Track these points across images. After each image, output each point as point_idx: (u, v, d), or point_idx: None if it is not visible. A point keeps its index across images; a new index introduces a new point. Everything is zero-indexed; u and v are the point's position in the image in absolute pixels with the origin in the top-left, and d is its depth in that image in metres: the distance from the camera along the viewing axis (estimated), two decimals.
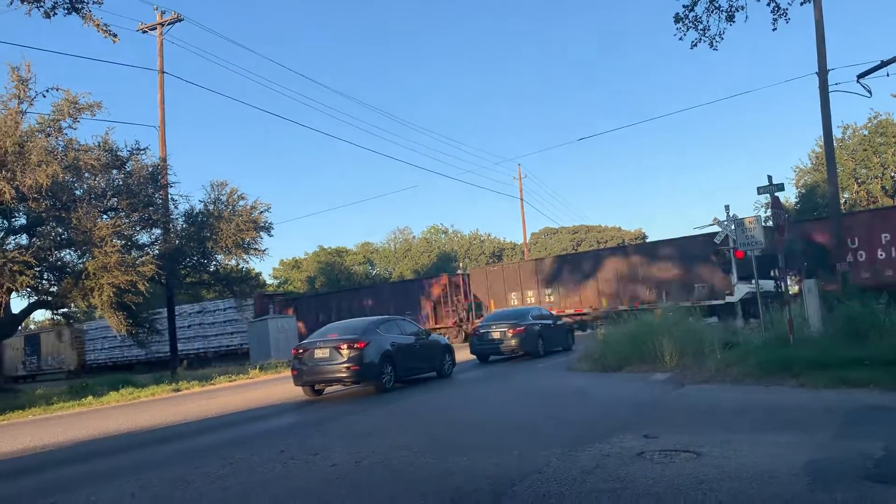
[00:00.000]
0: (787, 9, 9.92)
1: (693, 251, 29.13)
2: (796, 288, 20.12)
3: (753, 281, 16.59)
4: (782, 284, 16.51)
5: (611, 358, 15.71)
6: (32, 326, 53.92)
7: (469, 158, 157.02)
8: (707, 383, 12.21)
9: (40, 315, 52.16)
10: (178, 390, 21.71)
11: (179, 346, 31.42)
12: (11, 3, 9.08)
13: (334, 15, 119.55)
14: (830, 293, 17.62)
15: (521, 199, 52.40)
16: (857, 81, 18.26)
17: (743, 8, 10.24)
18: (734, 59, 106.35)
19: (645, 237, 74.63)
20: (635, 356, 15.26)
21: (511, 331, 20.34)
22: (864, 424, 7.94)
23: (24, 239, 24.46)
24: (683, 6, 10.37)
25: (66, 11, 9.31)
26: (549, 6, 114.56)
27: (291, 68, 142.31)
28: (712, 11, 10.29)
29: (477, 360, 21.37)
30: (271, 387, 19.50)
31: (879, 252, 24.51)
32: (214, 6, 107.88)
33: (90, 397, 20.50)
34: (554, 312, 26.10)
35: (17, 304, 27.63)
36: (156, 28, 28.96)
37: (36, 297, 24.54)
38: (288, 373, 18.85)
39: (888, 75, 18.04)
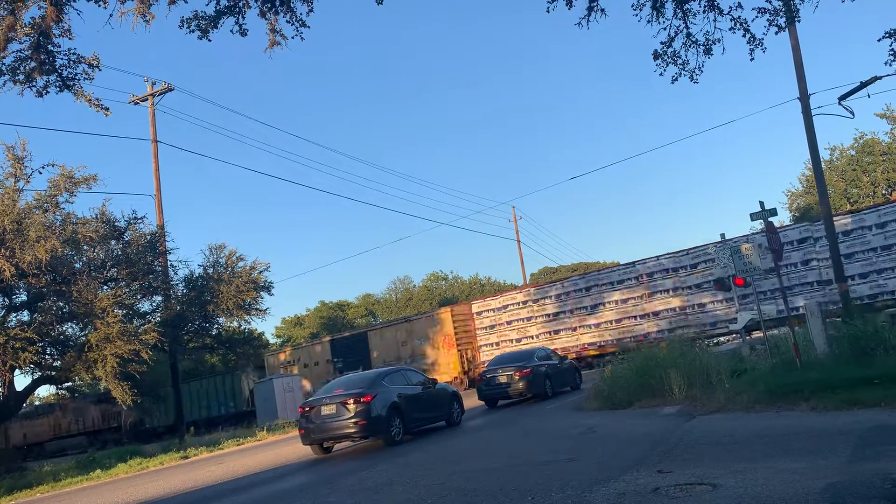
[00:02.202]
0: (762, 39, 10.09)
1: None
2: None
3: (755, 307, 16.56)
4: (785, 308, 16.48)
5: (619, 394, 15.60)
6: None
7: (464, 204, 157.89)
8: (717, 413, 12.12)
9: (44, 391, 51.15)
10: (187, 457, 21.47)
11: None
12: (4, 85, 9.24)
13: (325, 74, 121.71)
14: (832, 313, 17.59)
15: (518, 241, 52.68)
16: (839, 104, 18.51)
17: (720, 40, 10.40)
18: (722, 88, 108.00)
19: None
20: (644, 391, 15.18)
21: (518, 373, 20.20)
22: (880, 444, 7.86)
23: (25, 315, 24.52)
24: (661, 42, 10.54)
25: (58, 89, 9.46)
26: (535, 52, 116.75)
27: (282, 128, 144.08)
28: (689, 46, 10.46)
29: (485, 405, 21.19)
30: (280, 448, 19.27)
31: None
32: (202, 71, 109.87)
33: (98, 471, 20.30)
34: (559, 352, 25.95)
35: (21, 380, 27.49)
36: (147, 99, 29.47)
37: (40, 373, 24.46)
38: (296, 432, 18.65)
39: (869, 96, 18.31)
